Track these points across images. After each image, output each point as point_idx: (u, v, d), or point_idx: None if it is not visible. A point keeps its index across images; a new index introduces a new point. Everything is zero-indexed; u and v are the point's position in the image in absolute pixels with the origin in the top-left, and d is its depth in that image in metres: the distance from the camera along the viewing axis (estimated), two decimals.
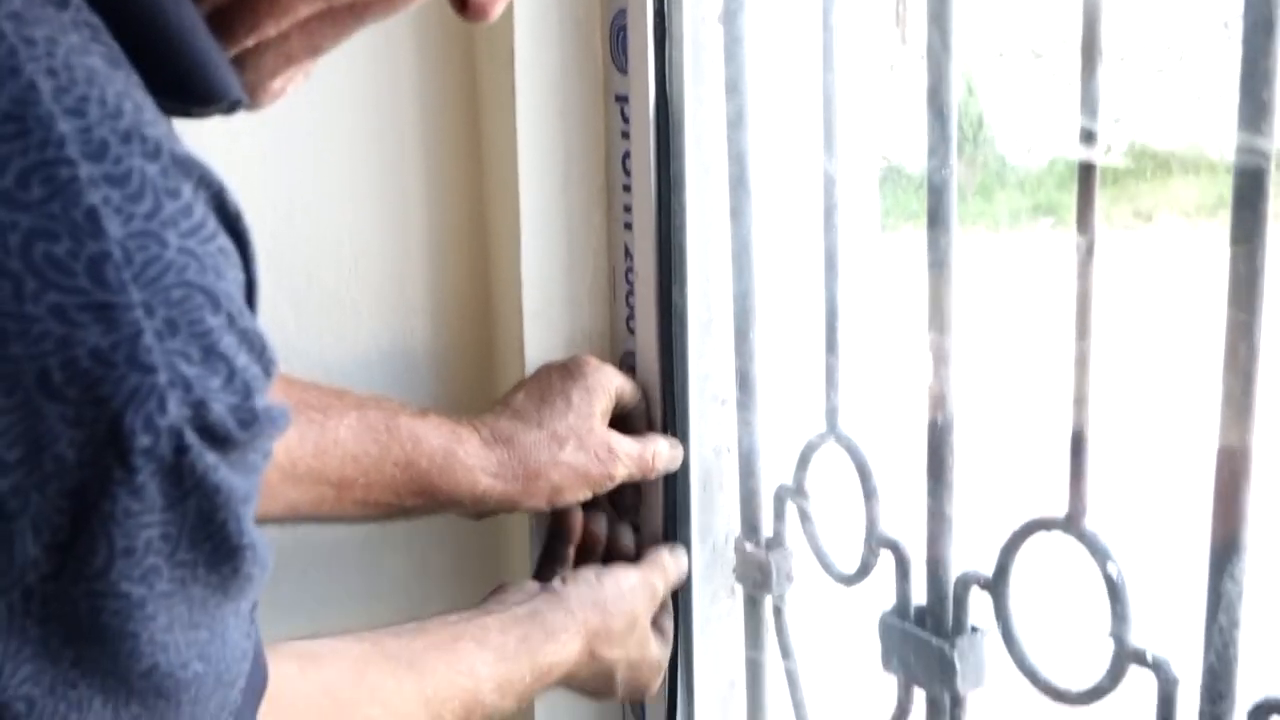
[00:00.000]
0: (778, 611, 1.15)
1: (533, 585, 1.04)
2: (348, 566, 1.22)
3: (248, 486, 0.52)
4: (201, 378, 0.47)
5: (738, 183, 1.08)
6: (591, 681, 1.04)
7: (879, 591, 1.04)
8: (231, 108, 0.56)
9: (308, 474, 0.93)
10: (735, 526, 1.17)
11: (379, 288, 1.19)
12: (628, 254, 1.15)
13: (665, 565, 1.11)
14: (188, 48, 0.52)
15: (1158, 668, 0.83)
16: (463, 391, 1.23)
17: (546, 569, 1.11)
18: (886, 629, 1.02)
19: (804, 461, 1.09)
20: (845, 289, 1.04)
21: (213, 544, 0.51)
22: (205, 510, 0.50)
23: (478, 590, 1.05)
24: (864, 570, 1.05)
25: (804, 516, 1.11)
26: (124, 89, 0.48)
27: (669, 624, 1.11)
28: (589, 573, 1.06)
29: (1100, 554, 0.85)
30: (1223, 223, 0.73)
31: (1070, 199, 0.82)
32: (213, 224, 0.50)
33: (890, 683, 1.04)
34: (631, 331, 1.14)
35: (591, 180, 1.16)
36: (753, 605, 1.17)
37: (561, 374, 1.07)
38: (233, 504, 0.51)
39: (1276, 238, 0.73)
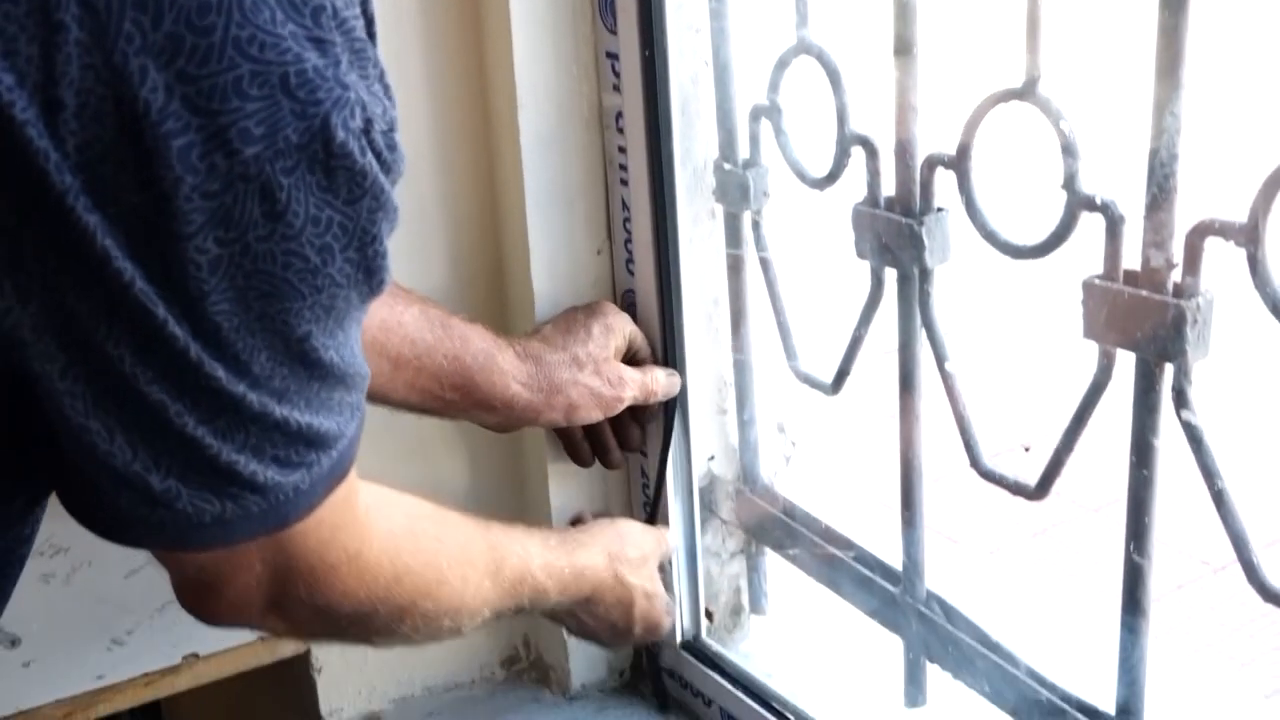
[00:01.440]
0: (756, 225, 1.25)
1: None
2: None
3: (391, 212, 0.67)
4: (371, 103, 0.64)
5: None
6: (615, 609, 1.14)
7: (850, 189, 1.13)
8: None
9: (371, 345, 1.00)
10: (714, 150, 1.25)
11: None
12: (624, 206, 1.25)
13: (664, 531, 1.26)
14: None
15: (1105, 208, 0.92)
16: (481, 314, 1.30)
17: None
18: (859, 217, 1.11)
19: (776, 76, 1.17)
20: None
21: (369, 254, 0.67)
22: (371, 213, 0.66)
23: None
24: (836, 171, 1.14)
25: (778, 131, 1.19)
26: None
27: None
28: (605, 518, 1.22)
29: (1054, 115, 0.94)
30: None
31: None
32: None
33: (863, 269, 1.14)
34: (631, 273, 1.26)
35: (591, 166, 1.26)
36: (733, 222, 1.26)
37: (586, 312, 1.22)
38: (387, 216, 0.67)
39: None
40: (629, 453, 1.30)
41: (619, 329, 1.22)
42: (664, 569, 1.23)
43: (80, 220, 0.59)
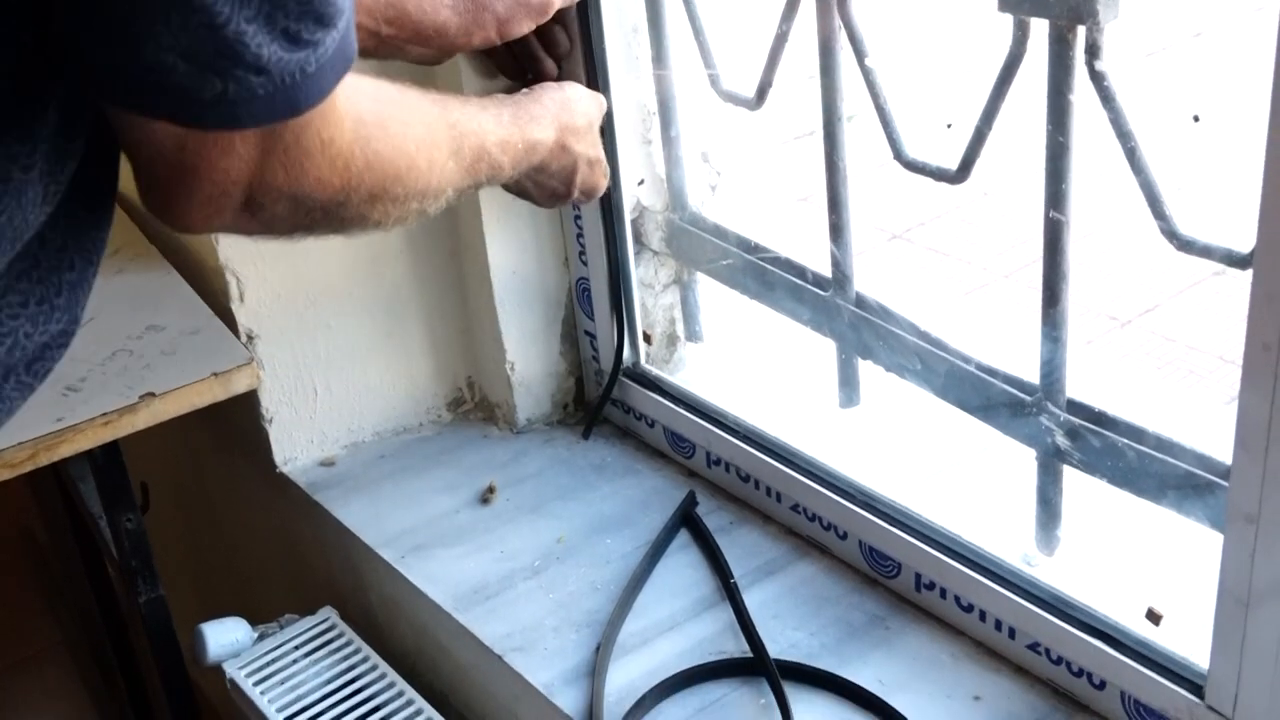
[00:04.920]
0: None
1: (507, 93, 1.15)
2: None
3: None
4: None
5: None
6: (558, 175, 1.15)
7: None
8: None
9: None
10: None
11: None
12: None
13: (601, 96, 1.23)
14: None
15: None
16: None
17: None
18: None
19: None
20: None
21: None
22: None
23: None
24: None
25: None
26: None
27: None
28: (551, 83, 1.18)
29: None
30: None
31: None
32: None
33: None
34: None
35: None
36: None
37: None
38: None
39: None
40: (557, 60, 1.27)
41: None
42: (603, 131, 1.23)
43: None
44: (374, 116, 0.84)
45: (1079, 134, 0.98)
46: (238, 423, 1.44)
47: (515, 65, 1.25)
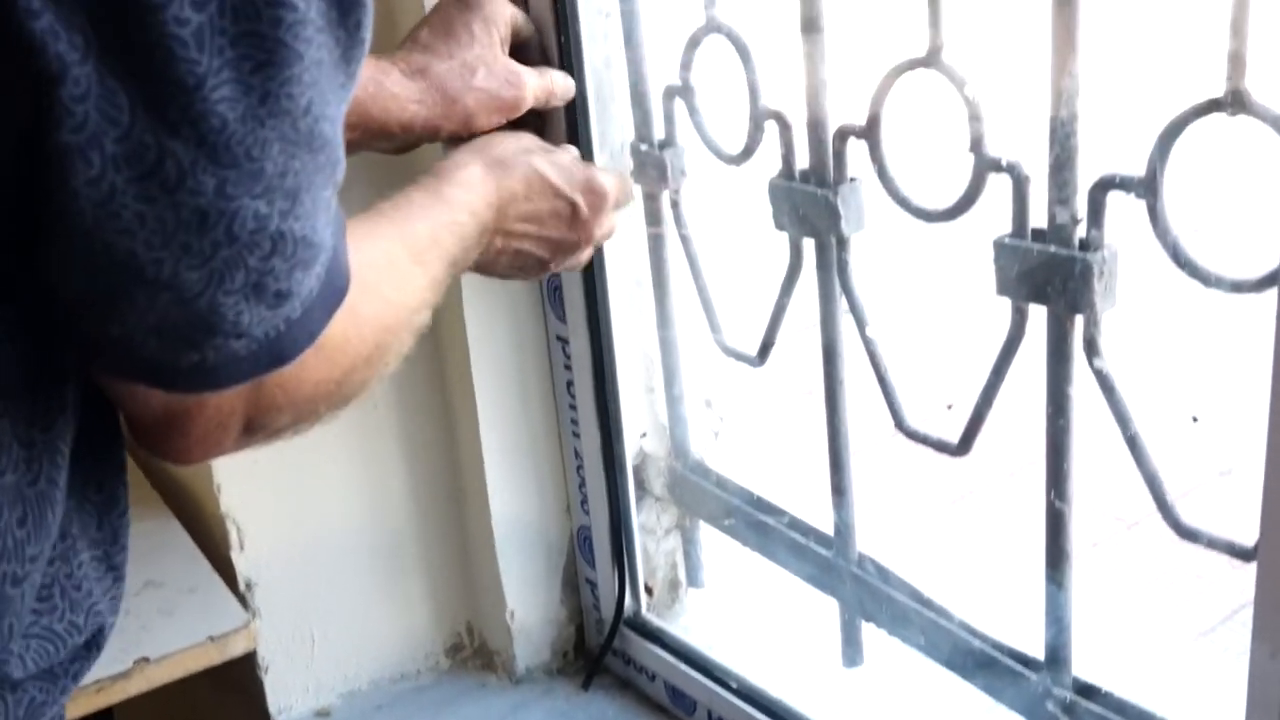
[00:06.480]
0: (675, 204, 1.27)
1: None
2: None
3: None
4: None
5: None
6: (531, 218, 1.03)
7: (765, 164, 1.16)
8: None
9: None
10: (630, 132, 1.27)
11: None
12: None
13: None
14: None
15: (1012, 169, 0.96)
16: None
17: None
18: (775, 190, 1.14)
19: (688, 55, 1.19)
20: None
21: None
22: None
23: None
24: (750, 147, 1.17)
25: (692, 110, 1.22)
26: None
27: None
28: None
29: (958, 81, 0.97)
30: None
31: None
32: None
33: (782, 241, 1.17)
34: None
35: None
36: (651, 201, 1.28)
37: (459, 7, 1.12)
38: None
39: None
40: None
41: (498, 17, 1.12)
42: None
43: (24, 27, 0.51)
44: (348, 300, 0.76)
45: (1080, 422, 0.99)
46: (233, 672, 1.41)
47: None
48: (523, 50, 1.17)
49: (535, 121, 1.17)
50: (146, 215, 0.56)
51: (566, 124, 1.22)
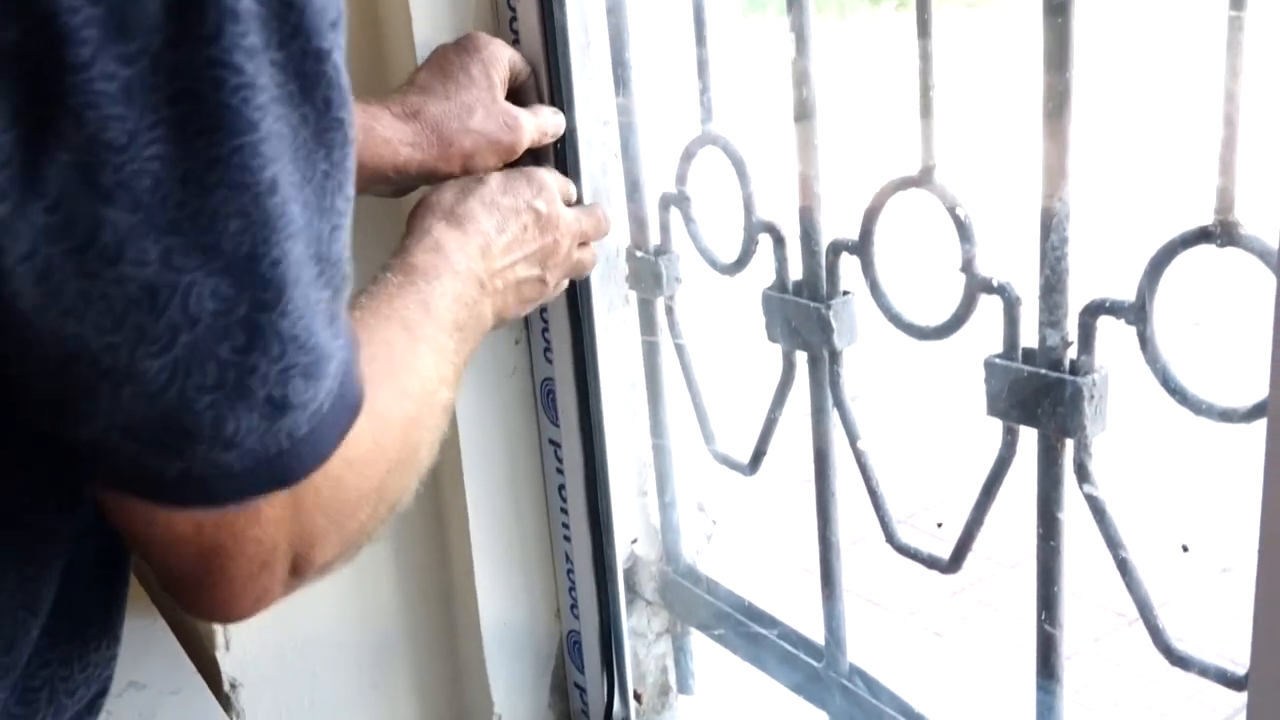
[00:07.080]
0: (669, 311, 1.27)
1: None
2: None
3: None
4: None
5: None
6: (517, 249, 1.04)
7: (759, 274, 1.16)
8: None
9: None
10: (626, 238, 1.28)
11: None
12: None
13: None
14: None
15: (1002, 290, 0.96)
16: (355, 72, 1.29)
17: None
18: (769, 301, 1.14)
19: (683, 167, 1.20)
20: None
21: (303, 56, 0.54)
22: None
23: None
24: (744, 258, 1.17)
25: (687, 219, 1.22)
26: None
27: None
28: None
29: (950, 201, 0.98)
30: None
31: None
32: None
33: (775, 352, 1.17)
34: (513, 9, 1.19)
35: None
36: (647, 308, 1.29)
37: (457, 50, 1.11)
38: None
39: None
40: None
41: (498, 60, 1.12)
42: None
43: None
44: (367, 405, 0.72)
45: (1073, 528, 0.98)
46: None
47: None
48: (520, 94, 1.17)
49: (530, 163, 1.17)
50: (90, 293, 0.52)
51: None
